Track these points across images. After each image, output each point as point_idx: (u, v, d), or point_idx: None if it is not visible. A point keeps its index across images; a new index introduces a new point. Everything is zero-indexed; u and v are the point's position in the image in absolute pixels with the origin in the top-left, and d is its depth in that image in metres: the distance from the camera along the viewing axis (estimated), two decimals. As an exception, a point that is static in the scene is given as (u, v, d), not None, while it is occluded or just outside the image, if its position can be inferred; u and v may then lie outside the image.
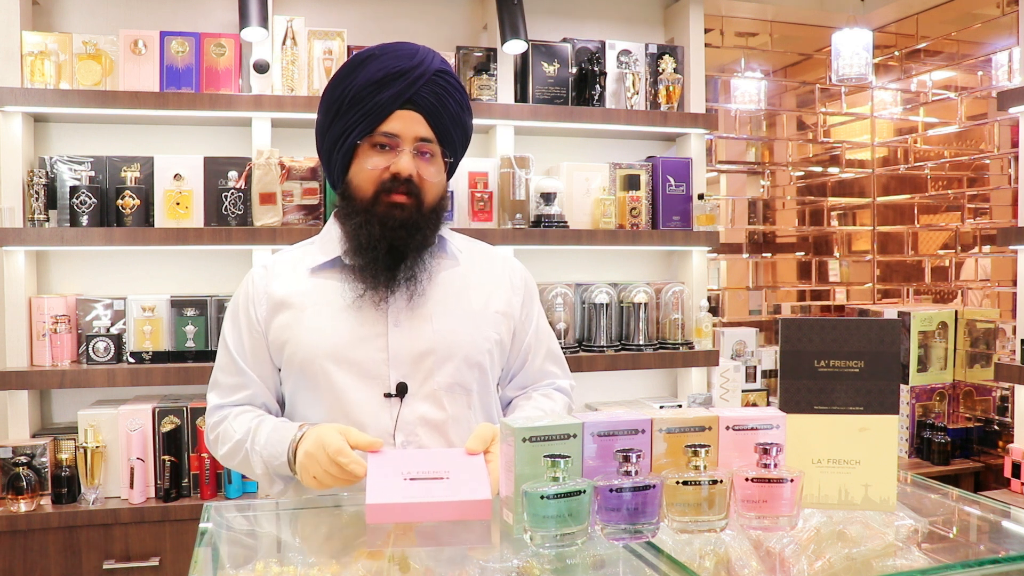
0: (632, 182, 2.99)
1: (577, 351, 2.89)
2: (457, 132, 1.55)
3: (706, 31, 3.23)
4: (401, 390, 1.48)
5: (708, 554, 1.10)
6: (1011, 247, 2.81)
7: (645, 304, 2.95)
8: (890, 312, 3.32)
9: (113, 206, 2.56)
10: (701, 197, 3.03)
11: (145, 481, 2.51)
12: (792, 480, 1.12)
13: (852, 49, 3.26)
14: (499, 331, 1.59)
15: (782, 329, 1.24)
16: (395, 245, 1.48)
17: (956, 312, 3.28)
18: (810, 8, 3.68)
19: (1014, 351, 2.76)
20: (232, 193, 2.60)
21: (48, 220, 2.52)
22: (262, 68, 2.61)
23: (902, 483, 1.34)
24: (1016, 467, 2.80)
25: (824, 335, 1.22)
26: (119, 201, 2.54)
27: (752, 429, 1.19)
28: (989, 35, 3.38)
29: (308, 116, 2.61)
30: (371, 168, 1.49)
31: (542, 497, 1.04)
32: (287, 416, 1.59)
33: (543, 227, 2.82)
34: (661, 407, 2.86)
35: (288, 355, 1.52)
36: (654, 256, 3.25)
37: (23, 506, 2.38)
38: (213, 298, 2.65)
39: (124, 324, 2.61)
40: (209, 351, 2.57)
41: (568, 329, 2.88)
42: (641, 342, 2.94)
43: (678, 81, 3.04)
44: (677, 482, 1.11)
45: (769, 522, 1.13)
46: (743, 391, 3.19)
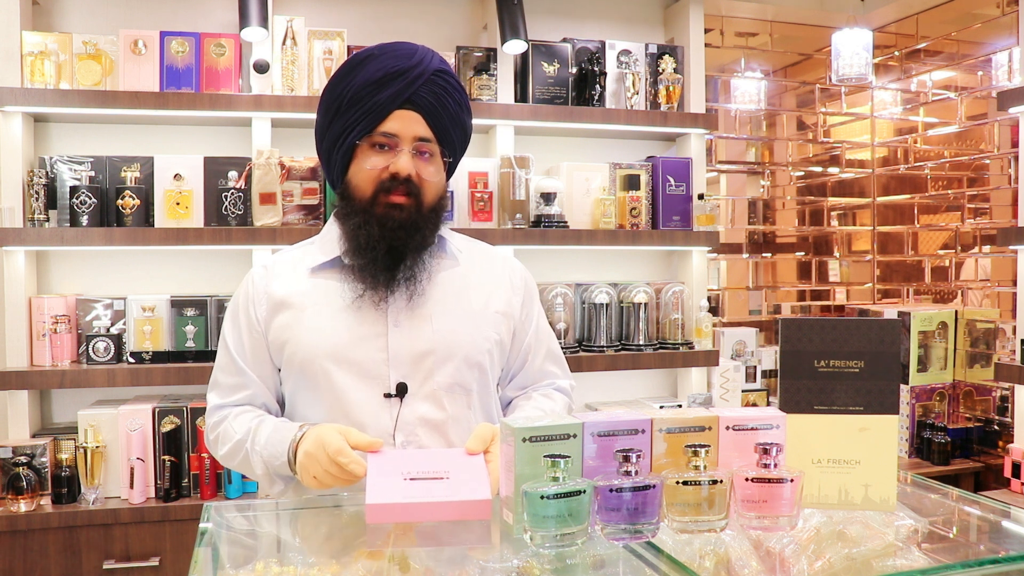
0: (632, 182, 2.99)
1: (577, 351, 2.89)
2: (456, 132, 1.55)
3: (706, 31, 3.23)
4: (401, 390, 1.48)
5: (708, 554, 1.10)
6: (1011, 247, 2.81)
7: (645, 304, 2.95)
8: (890, 312, 3.32)
9: (113, 206, 2.56)
10: (701, 197, 3.04)
11: (145, 481, 2.51)
12: (792, 480, 1.12)
13: (852, 49, 3.26)
14: (499, 331, 1.59)
15: (782, 329, 1.24)
16: (394, 246, 1.48)
17: (956, 312, 3.28)
18: (810, 8, 3.68)
19: (1014, 351, 2.76)
20: (232, 193, 2.60)
21: (48, 220, 2.52)
22: (262, 68, 2.61)
23: (902, 483, 1.34)
24: (1016, 467, 2.80)
25: (824, 335, 1.22)
26: (119, 201, 2.54)
27: (752, 429, 1.19)
28: (989, 35, 3.38)
29: (308, 116, 2.61)
30: (370, 168, 1.49)
31: (542, 497, 1.04)
32: (287, 416, 1.59)
33: (543, 227, 2.83)
34: (661, 407, 2.86)
35: (288, 355, 1.52)
36: (654, 256, 3.25)
37: (23, 506, 2.38)
38: (213, 298, 2.65)
39: (124, 324, 2.61)
40: (209, 351, 2.57)
41: (568, 329, 2.88)
42: (641, 342, 2.94)
43: (678, 81, 3.04)
44: (677, 482, 1.11)
45: (769, 522, 1.13)
46: (743, 391, 3.19)
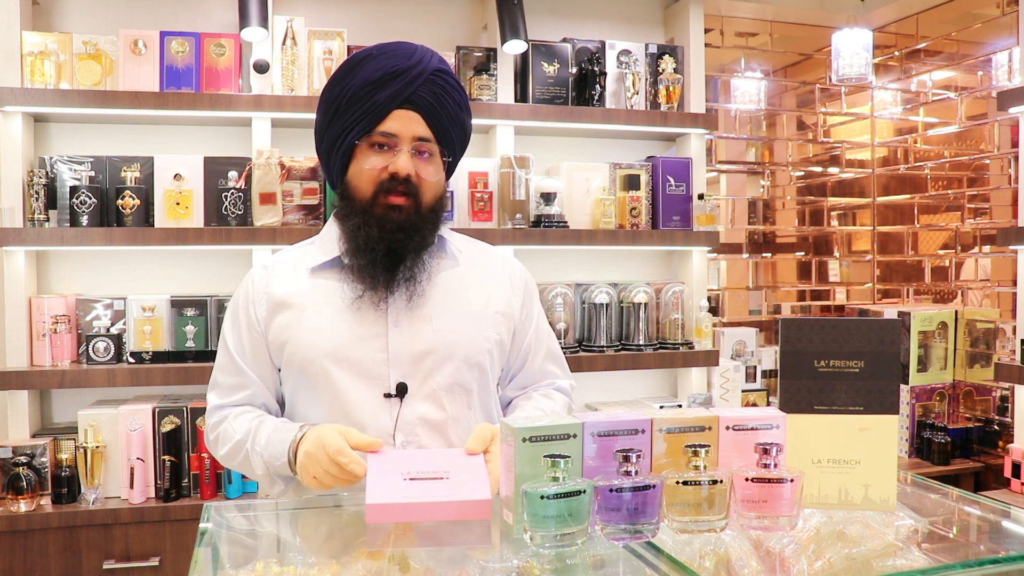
0: (632, 182, 2.99)
1: (577, 351, 2.89)
2: (456, 132, 1.55)
3: (706, 31, 3.23)
4: (401, 390, 1.48)
5: (708, 554, 1.10)
6: (1011, 247, 2.81)
7: (645, 304, 2.95)
8: (890, 312, 3.32)
9: (113, 206, 2.56)
10: (701, 197, 3.03)
11: (145, 481, 2.51)
12: (792, 480, 1.12)
13: (852, 49, 3.26)
14: (499, 331, 1.59)
15: (782, 329, 1.24)
16: (393, 247, 1.48)
17: (956, 312, 3.28)
18: (810, 8, 3.68)
19: (1014, 351, 2.76)
20: (232, 193, 2.60)
21: (48, 220, 2.52)
22: (262, 68, 2.61)
23: (902, 483, 1.34)
24: (1016, 467, 2.80)
25: (824, 335, 1.22)
26: (119, 201, 2.54)
27: (752, 429, 1.19)
28: (989, 35, 3.38)
29: (308, 116, 2.61)
30: (369, 168, 1.49)
31: (542, 497, 1.04)
32: (287, 416, 1.59)
33: (543, 227, 2.82)
34: (661, 407, 2.86)
35: (288, 355, 1.52)
36: (654, 256, 3.25)
37: (23, 506, 2.38)
38: (213, 298, 2.65)
39: (124, 324, 2.61)
40: (209, 351, 2.57)
41: (568, 329, 2.88)
42: (641, 342, 2.94)
43: (678, 81, 3.04)
44: (677, 482, 1.11)
45: (769, 522, 1.13)
46: (743, 391, 3.19)
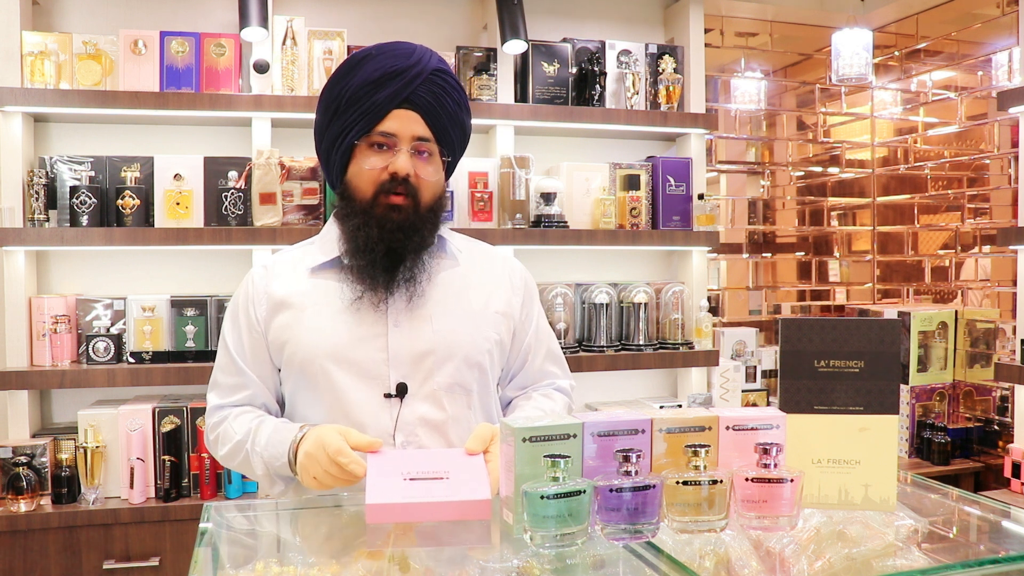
0: (632, 182, 2.99)
1: (577, 351, 2.89)
2: (455, 131, 1.55)
3: (706, 31, 3.23)
4: (401, 390, 1.48)
5: (708, 554, 1.10)
6: (1011, 247, 2.81)
7: (645, 304, 2.95)
8: (890, 312, 3.32)
9: (113, 206, 2.56)
10: (701, 197, 3.03)
11: (145, 481, 2.51)
12: (792, 480, 1.12)
13: (852, 49, 3.26)
14: (499, 331, 1.59)
15: (782, 329, 1.24)
16: (393, 247, 1.48)
17: (956, 312, 3.28)
18: (810, 8, 3.68)
19: (1014, 351, 2.76)
20: (232, 193, 2.60)
21: (48, 220, 2.52)
22: (262, 68, 2.61)
23: (902, 483, 1.34)
24: (1016, 467, 2.80)
25: (824, 335, 1.22)
26: (119, 201, 2.54)
27: (752, 429, 1.19)
28: (989, 35, 3.38)
29: (308, 116, 2.61)
30: (369, 168, 1.49)
31: (542, 497, 1.04)
32: (287, 416, 1.59)
33: (543, 227, 2.82)
34: (661, 407, 2.86)
35: (288, 355, 1.52)
36: (654, 256, 3.25)
37: (23, 506, 2.38)
38: (213, 298, 2.65)
39: (124, 324, 2.61)
40: (209, 351, 2.57)
41: (568, 329, 2.88)
42: (641, 342, 2.94)
43: (678, 81, 3.04)
44: (677, 482, 1.11)
45: (769, 522, 1.13)
46: (743, 391, 3.19)
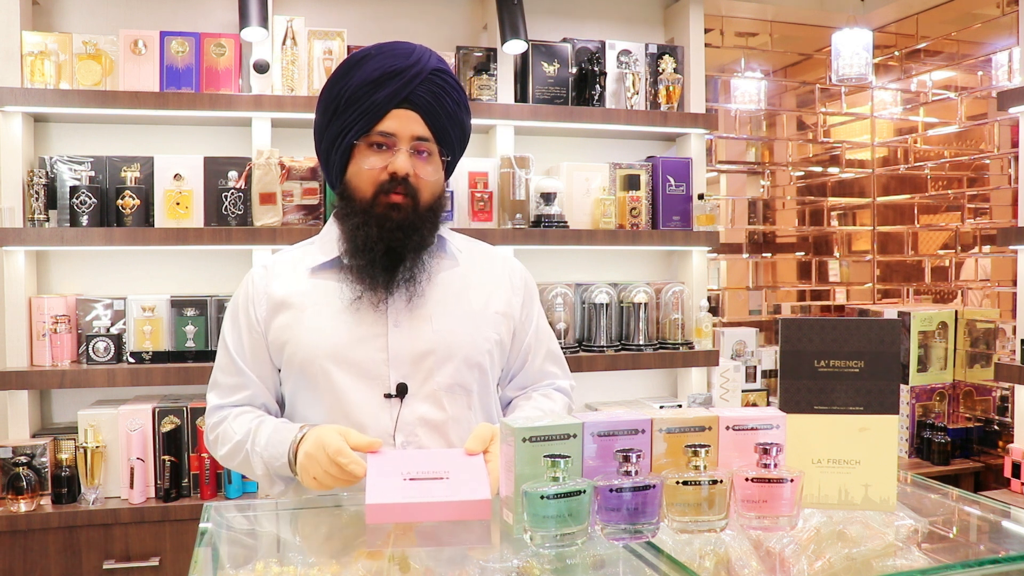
0: (632, 182, 2.99)
1: (577, 351, 2.89)
2: (455, 131, 1.55)
3: (706, 31, 3.23)
4: (401, 391, 1.48)
5: (708, 554, 1.10)
6: (1011, 247, 2.81)
7: (645, 304, 2.95)
8: (890, 312, 3.32)
9: (113, 206, 2.56)
10: (701, 197, 3.03)
11: (145, 481, 2.51)
12: (792, 480, 1.12)
13: (852, 49, 3.26)
14: (499, 331, 1.59)
15: (782, 329, 1.24)
16: (392, 247, 1.48)
17: (956, 312, 3.28)
18: (810, 8, 3.68)
19: (1014, 351, 2.76)
20: (232, 193, 2.60)
21: (48, 220, 2.52)
22: (262, 68, 2.61)
23: (902, 483, 1.34)
24: (1016, 467, 2.80)
25: (824, 335, 1.22)
26: (119, 201, 2.54)
27: (752, 429, 1.19)
28: (989, 35, 3.38)
29: (308, 116, 2.61)
30: (368, 168, 1.49)
31: (542, 497, 1.04)
32: (287, 416, 1.59)
33: (543, 227, 2.82)
34: (661, 407, 2.86)
35: (288, 355, 1.52)
36: (654, 256, 3.25)
37: (23, 506, 2.38)
38: (213, 298, 2.65)
39: (124, 324, 2.61)
40: (209, 351, 2.57)
41: (568, 329, 2.88)
42: (641, 342, 2.94)
43: (678, 81, 3.04)
44: (677, 482, 1.11)
45: (769, 522, 1.13)
46: (743, 391, 3.19)
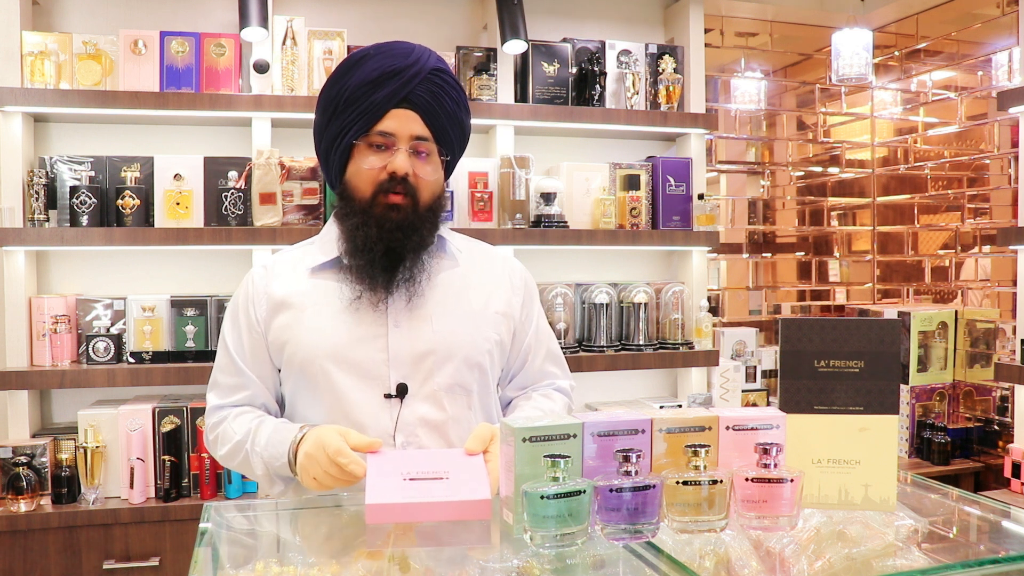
0: (632, 182, 2.99)
1: (577, 351, 2.89)
2: (454, 131, 1.54)
3: (706, 31, 3.23)
4: (401, 391, 1.48)
5: (708, 554, 1.10)
6: (1011, 247, 2.81)
7: (645, 304, 2.95)
8: (890, 312, 3.32)
9: (113, 206, 2.56)
10: (701, 197, 3.03)
11: (145, 481, 2.51)
12: (792, 480, 1.12)
13: (852, 49, 3.26)
14: (499, 331, 1.59)
15: (782, 329, 1.24)
16: (392, 247, 1.48)
17: (956, 312, 3.28)
18: (810, 8, 3.68)
19: (1014, 351, 2.76)
20: (232, 193, 2.60)
21: (48, 220, 2.52)
22: (262, 68, 2.61)
23: (902, 483, 1.34)
24: (1016, 467, 2.80)
25: (824, 335, 1.22)
26: (119, 201, 2.54)
27: (752, 429, 1.19)
28: (989, 35, 3.38)
29: (308, 116, 2.61)
30: (367, 168, 1.49)
31: (542, 497, 1.04)
32: (287, 417, 1.59)
33: (543, 227, 2.82)
34: (661, 407, 2.86)
35: (288, 355, 1.51)
36: (654, 256, 3.25)
37: (23, 506, 2.38)
38: (213, 298, 2.65)
39: (124, 324, 2.61)
40: (209, 351, 2.57)
41: (568, 329, 2.88)
42: (641, 342, 2.94)
43: (678, 81, 3.04)
44: (677, 482, 1.11)
45: (769, 522, 1.13)
46: (743, 391, 3.19)
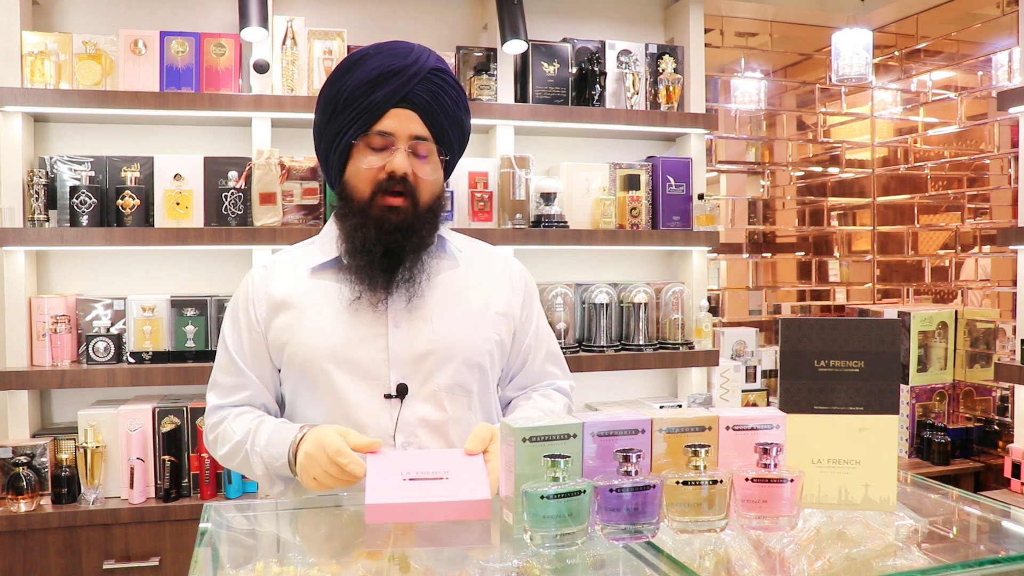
0: (632, 182, 2.99)
1: (577, 351, 2.89)
2: (454, 130, 1.54)
3: (706, 31, 3.23)
4: (401, 391, 1.48)
5: (708, 554, 1.10)
6: (1011, 247, 2.81)
7: (645, 304, 2.95)
8: (890, 312, 3.32)
9: (113, 206, 2.56)
10: (701, 197, 3.03)
11: (145, 481, 2.51)
12: (792, 480, 1.12)
13: (852, 49, 3.26)
14: (499, 332, 1.59)
15: (782, 329, 1.24)
16: (391, 248, 1.48)
17: (956, 312, 3.28)
18: (810, 8, 3.68)
19: (1014, 351, 2.76)
20: (232, 193, 2.60)
21: (48, 220, 2.52)
22: (262, 68, 2.61)
23: (902, 483, 1.34)
24: (1016, 467, 2.80)
25: (824, 335, 1.22)
26: (119, 201, 2.54)
27: (752, 429, 1.19)
28: (989, 35, 3.38)
29: (308, 116, 2.61)
30: (367, 168, 1.48)
31: (542, 497, 1.04)
32: (287, 417, 1.59)
33: (543, 227, 2.82)
34: (661, 407, 2.86)
35: (288, 355, 1.51)
36: (654, 256, 3.25)
37: (23, 506, 2.38)
38: (213, 298, 2.65)
39: (124, 324, 2.61)
40: (209, 351, 2.56)
41: (568, 329, 2.88)
42: (641, 342, 2.94)
43: (678, 81, 3.04)
44: (677, 482, 1.11)
45: (769, 522, 1.13)
46: (743, 391, 3.19)
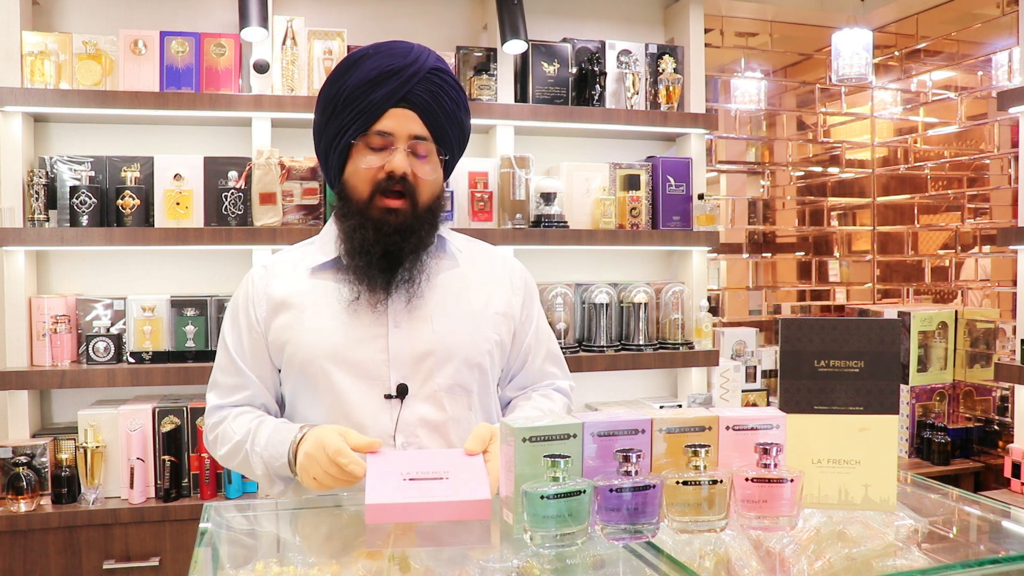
0: (632, 182, 2.99)
1: (577, 351, 2.89)
2: (453, 131, 1.54)
3: (706, 31, 3.23)
4: (401, 391, 1.48)
5: (708, 554, 1.10)
6: (1011, 247, 2.81)
7: (645, 304, 2.95)
8: (890, 312, 3.32)
9: (113, 206, 2.56)
10: (701, 197, 3.03)
11: (145, 481, 2.51)
12: (792, 480, 1.12)
13: (852, 49, 3.26)
14: (499, 332, 1.59)
15: (782, 329, 1.24)
16: (390, 249, 1.48)
17: (956, 312, 3.28)
18: (810, 8, 3.68)
19: (1014, 351, 2.76)
20: (232, 193, 2.60)
21: (48, 220, 2.52)
22: (262, 68, 2.61)
23: (902, 483, 1.34)
24: (1016, 467, 2.80)
25: (824, 335, 1.22)
26: (119, 201, 2.54)
27: (752, 429, 1.19)
28: (989, 35, 3.38)
29: (308, 116, 2.61)
30: (366, 167, 1.48)
31: (542, 497, 1.04)
32: (287, 417, 1.59)
33: (543, 227, 2.82)
34: (661, 407, 2.86)
35: (288, 356, 1.51)
36: (654, 256, 3.25)
37: (23, 506, 2.38)
38: (213, 298, 2.65)
39: (124, 324, 2.61)
40: (209, 351, 2.57)
41: (568, 329, 2.88)
42: (641, 342, 2.94)
43: (678, 81, 3.04)
44: (677, 482, 1.11)
45: (769, 522, 1.13)
46: (743, 391, 3.19)
